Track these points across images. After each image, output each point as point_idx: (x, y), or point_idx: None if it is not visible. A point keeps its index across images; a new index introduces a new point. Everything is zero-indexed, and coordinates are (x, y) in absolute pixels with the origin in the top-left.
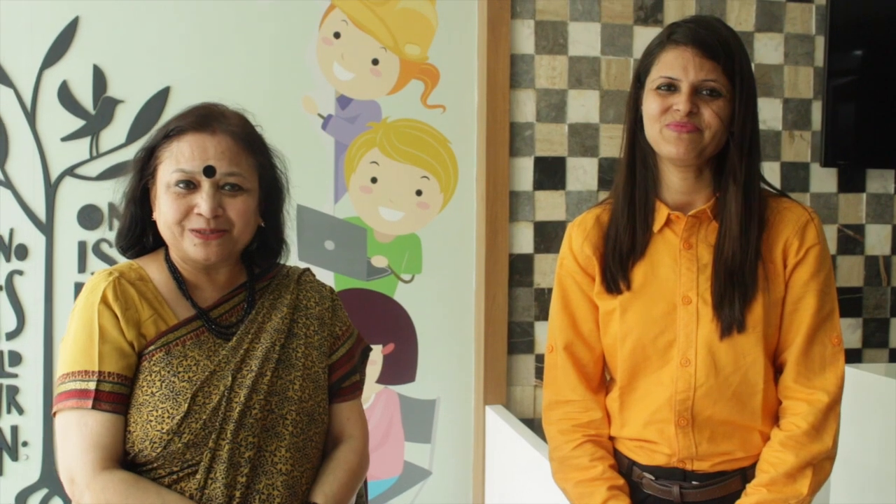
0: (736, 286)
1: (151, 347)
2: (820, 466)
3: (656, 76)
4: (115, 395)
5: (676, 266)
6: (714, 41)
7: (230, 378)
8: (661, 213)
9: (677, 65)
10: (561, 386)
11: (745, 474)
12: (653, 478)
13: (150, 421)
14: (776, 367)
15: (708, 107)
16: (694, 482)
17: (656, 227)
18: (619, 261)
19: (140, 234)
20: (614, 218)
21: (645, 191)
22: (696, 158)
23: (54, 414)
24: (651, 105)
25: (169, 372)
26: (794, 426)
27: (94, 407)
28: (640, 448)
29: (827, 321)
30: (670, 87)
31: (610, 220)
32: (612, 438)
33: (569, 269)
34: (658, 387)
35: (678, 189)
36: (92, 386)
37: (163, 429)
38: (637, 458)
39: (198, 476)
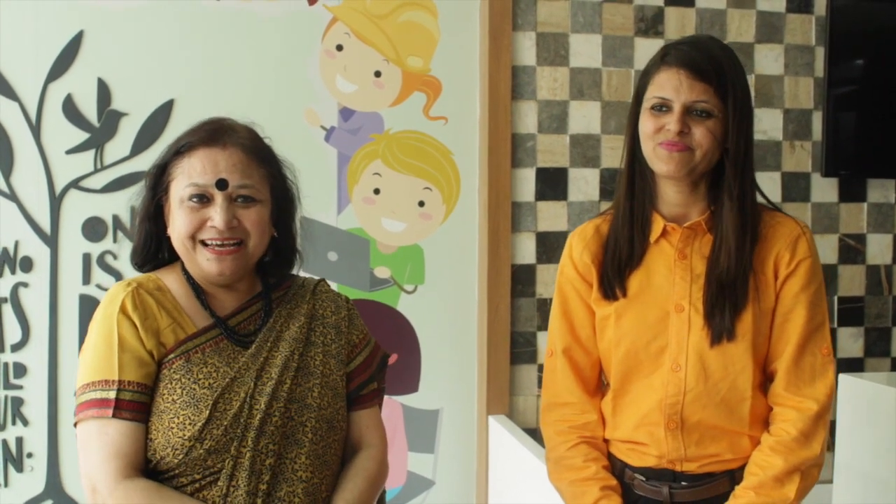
0: (727, 297)
1: (171, 355)
2: (807, 472)
3: (651, 96)
4: (135, 404)
5: (671, 275)
6: (706, 63)
7: (251, 385)
8: (658, 225)
9: (669, 86)
10: (559, 388)
11: (734, 476)
12: (643, 479)
13: (172, 428)
14: (767, 376)
15: (699, 127)
16: (683, 483)
17: (653, 237)
18: (616, 269)
19: (155, 251)
20: (614, 228)
21: (643, 203)
22: (688, 175)
23: (75, 424)
24: (646, 124)
25: (189, 379)
26: (784, 432)
27: (114, 416)
28: (631, 451)
29: (817, 332)
30: (663, 107)
31: (609, 230)
32: (606, 441)
33: (568, 276)
34: (649, 391)
35: (674, 202)
36: (112, 395)
37: (185, 435)
38: (629, 460)
39: (220, 483)
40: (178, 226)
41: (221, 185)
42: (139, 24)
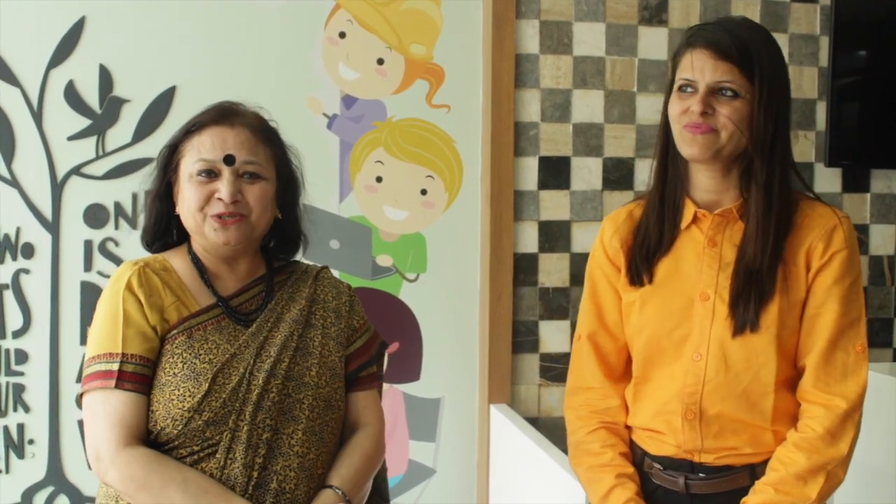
0: (753, 286)
1: (174, 331)
2: (833, 473)
3: (678, 78)
4: (137, 376)
5: (699, 263)
6: (730, 43)
7: (250, 361)
8: (689, 211)
9: (694, 67)
10: (583, 373)
11: (755, 471)
12: (661, 468)
13: (173, 400)
14: (798, 371)
15: (724, 107)
16: (701, 474)
17: (683, 224)
18: (645, 255)
19: (165, 230)
20: (646, 214)
21: (675, 189)
22: (714, 159)
23: (81, 395)
24: (673, 106)
25: (191, 354)
26: (810, 429)
27: (117, 387)
28: (650, 438)
29: (851, 328)
30: (689, 88)
31: (642, 215)
32: (628, 428)
33: (598, 260)
34: (670, 379)
35: (706, 188)
36: (115, 367)
37: (184, 406)
38: (648, 448)
39: (218, 455)
40: (187, 200)
41: (229, 160)
42: (141, 10)
